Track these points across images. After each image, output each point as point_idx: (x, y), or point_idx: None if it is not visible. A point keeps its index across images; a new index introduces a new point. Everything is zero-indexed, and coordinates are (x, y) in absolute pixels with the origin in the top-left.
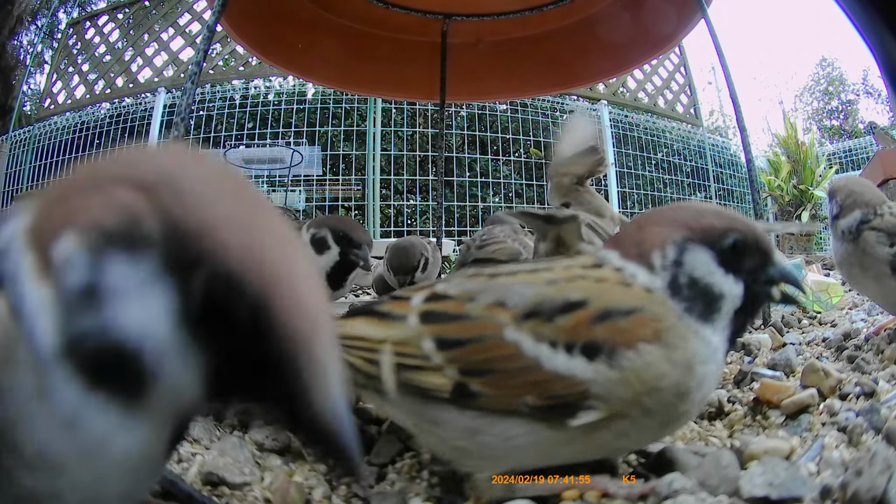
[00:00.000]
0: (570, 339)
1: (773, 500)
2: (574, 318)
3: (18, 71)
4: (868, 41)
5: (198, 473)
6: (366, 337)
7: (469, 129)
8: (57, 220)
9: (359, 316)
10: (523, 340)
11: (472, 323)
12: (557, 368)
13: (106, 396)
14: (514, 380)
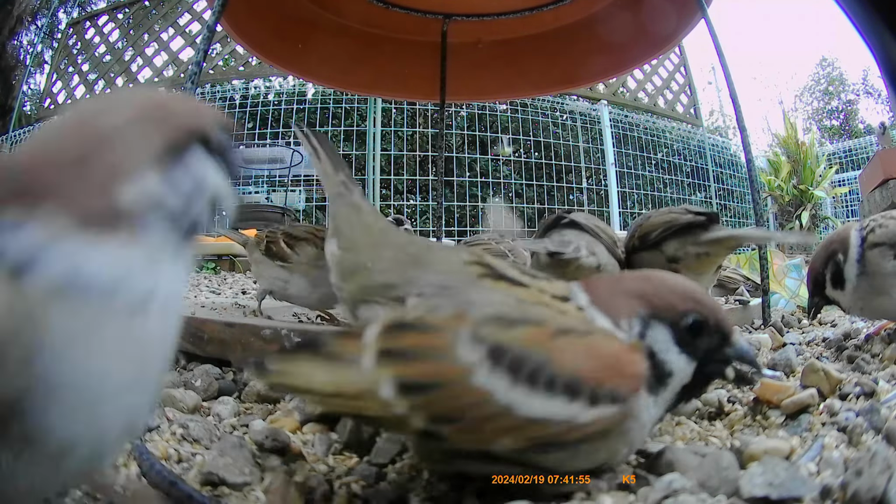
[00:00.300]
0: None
1: (773, 500)
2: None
3: (18, 71)
4: (868, 41)
5: (198, 473)
6: (313, 390)
7: (469, 129)
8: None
9: (302, 355)
10: (495, 386)
11: (436, 364)
12: (533, 413)
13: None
14: (488, 426)
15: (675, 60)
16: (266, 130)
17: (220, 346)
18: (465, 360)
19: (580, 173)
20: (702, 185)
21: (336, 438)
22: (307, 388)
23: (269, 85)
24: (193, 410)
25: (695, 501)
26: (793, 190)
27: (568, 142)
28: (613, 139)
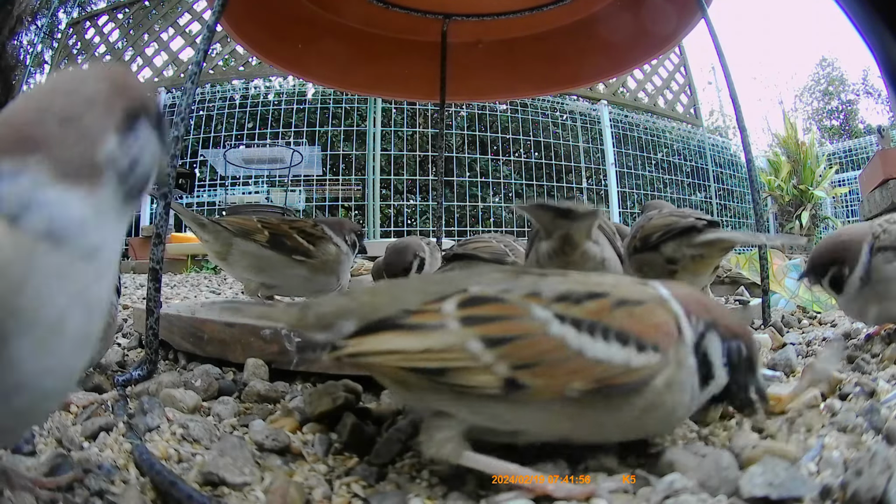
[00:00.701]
0: (598, 321)
1: (772, 500)
2: (595, 304)
3: (18, 71)
4: (868, 41)
5: (198, 473)
6: (401, 350)
7: (469, 129)
8: None
9: (382, 331)
10: (567, 333)
11: (516, 322)
12: (598, 355)
13: None
14: (560, 368)
15: (675, 60)
16: (266, 130)
17: (220, 346)
18: (541, 317)
19: (580, 173)
20: (702, 185)
21: (336, 438)
22: (393, 350)
23: (269, 85)
24: (193, 410)
25: (696, 501)
26: (793, 190)
27: (568, 142)
28: (613, 139)
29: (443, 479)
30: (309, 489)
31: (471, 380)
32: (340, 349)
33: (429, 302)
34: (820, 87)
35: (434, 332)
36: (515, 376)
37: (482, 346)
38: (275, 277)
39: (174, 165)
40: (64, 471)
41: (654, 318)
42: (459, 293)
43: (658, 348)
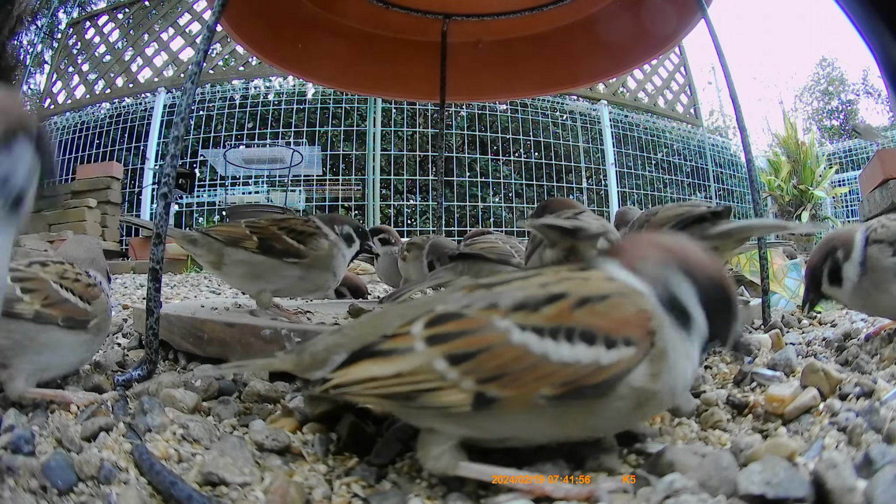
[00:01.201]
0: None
1: (768, 498)
2: (556, 307)
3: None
4: (868, 41)
5: (198, 473)
6: (376, 377)
7: (469, 129)
8: None
9: (363, 360)
10: (528, 340)
11: (478, 336)
12: (563, 358)
13: None
14: (526, 376)
15: (675, 60)
16: (266, 130)
17: (220, 346)
18: (501, 327)
19: (580, 173)
20: (702, 185)
21: (336, 438)
22: (370, 377)
23: (269, 85)
24: (193, 410)
25: (696, 501)
26: (793, 190)
27: (568, 142)
28: (613, 139)
29: (443, 480)
30: (309, 489)
31: (441, 400)
32: (328, 382)
33: (404, 324)
34: (820, 87)
35: (403, 355)
36: (483, 390)
37: (447, 364)
38: (271, 282)
39: (174, 165)
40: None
41: (620, 311)
42: (427, 313)
43: (631, 341)
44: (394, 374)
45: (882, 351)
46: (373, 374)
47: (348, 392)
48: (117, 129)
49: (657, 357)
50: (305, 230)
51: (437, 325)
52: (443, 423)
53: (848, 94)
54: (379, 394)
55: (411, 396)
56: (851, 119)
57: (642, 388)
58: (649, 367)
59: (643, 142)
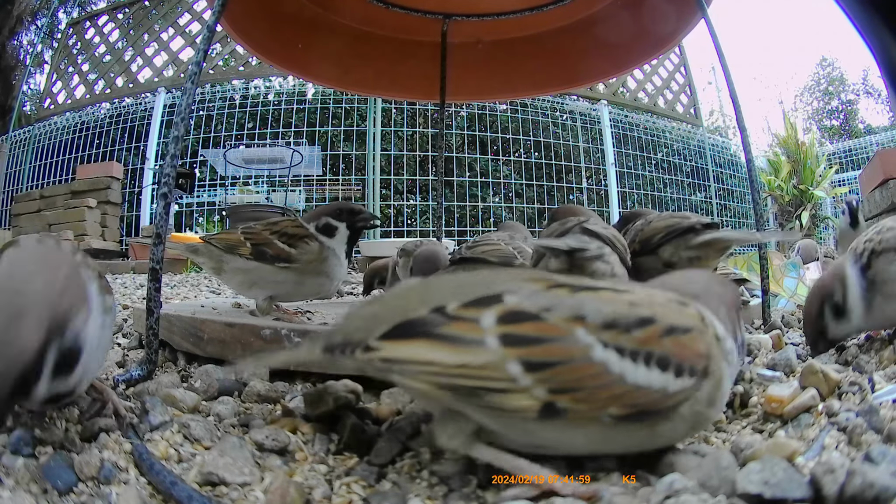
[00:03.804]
0: (641, 349)
1: (766, 498)
2: (646, 332)
3: (18, 71)
4: (868, 41)
5: (198, 473)
6: (436, 362)
7: (469, 129)
8: None
9: (415, 338)
10: (610, 359)
11: (558, 346)
12: (638, 381)
13: None
14: (600, 394)
15: (675, 60)
16: (266, 130)
17: (220, 346)
18: (584, 341)
19: (580, 173)
20: (702, 185)
21: (336, 438)
22: (427, 361)
23: (269, 85)
24: (193, 410)
25: (696, 501)
26: (793, 190)
27: (568, 142)
28: (613, 139)
29: (443, 480)
30: (309, 489)
31: (509, 403)
32: (373, 351)
33: (465, 306)
34: (820, 87)
35: (472, 347)
36: (554, 400)
37: (522, 369)
38: (267, 288)
39: (174, 165)
40: (64, 471)
41: (696, 344)
42: (496, 303)
43: (695, 371)
44: (459, 365)
45: (882, 352)
46: (432, 359)
47: (399, 370)
48: (117, 129)
49: (715, 385)
50: (296, 233)
51: (512, 322)
52: (490, 421)
53: (848, 94)
54: (438, 382)
55: (476, 393)
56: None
57: (700, 412)
58: (708, 395)
59: (643, 142)
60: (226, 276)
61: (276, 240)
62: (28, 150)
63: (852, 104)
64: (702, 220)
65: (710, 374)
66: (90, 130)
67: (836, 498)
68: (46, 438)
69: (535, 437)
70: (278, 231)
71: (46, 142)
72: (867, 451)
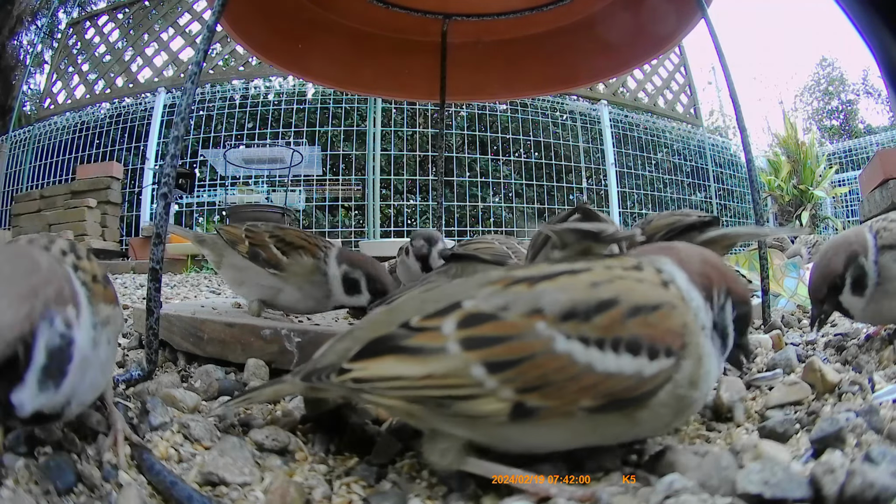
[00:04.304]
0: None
1: (766, 498)
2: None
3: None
4: (868, 41)
5: (198, 473)
6: (403, 376)
7: (469, 129)
8: None
9: (385, 354)
10: (574, 349)
11: (519, 342)
12: (608, 369)
13: None
14: (570, 387)
15: (675, 60)
16: (266, 130)
17: (220, 346)
18: (545, 334)
19: (580, 173)
20: (702, 185)
21: (336, 438)
22: (395, 376)
23: (269, 85)
24: (193, 410)
25: (696, 502)
26: (793, 190)
27: (568, 142)
28: (613, 139)
29: (443, 480)
30: (309, 489)
31: (477, 408)
32: (346, 373)
33: (427, 317)
34: (820, 87)
35: (435, 356)
36: (523, 400)
37: (486, 372)
38: (253, 290)
39: (174, 165)
40: (64, 472)
41: (668, 321)
42: (455, 310)
43: (671, 351)
44: (424, 376)
45: (882, 352)
46: (399, 373)
47: (370, 389)
48: (117, 129)
49: (696, 363)
50: (295, 242)
51: (471, 325)
52: (467, 430)
53: (848, 94)
54: (406, 396)
55: (444, 403)
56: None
57: (682, 395)
58: (689, 375)
59: (643, 142)
60: (222, 270)
61: (272, 244)
62: (28, 150)
63: (852, 104)
64: (703, 216)
65: (687, 353)
66: (90, 130)
67: (836, 498)
68: (46, 438)
69: (516, 441)
70: (278, 236)
71: (46, 142)
72: (867, 451)
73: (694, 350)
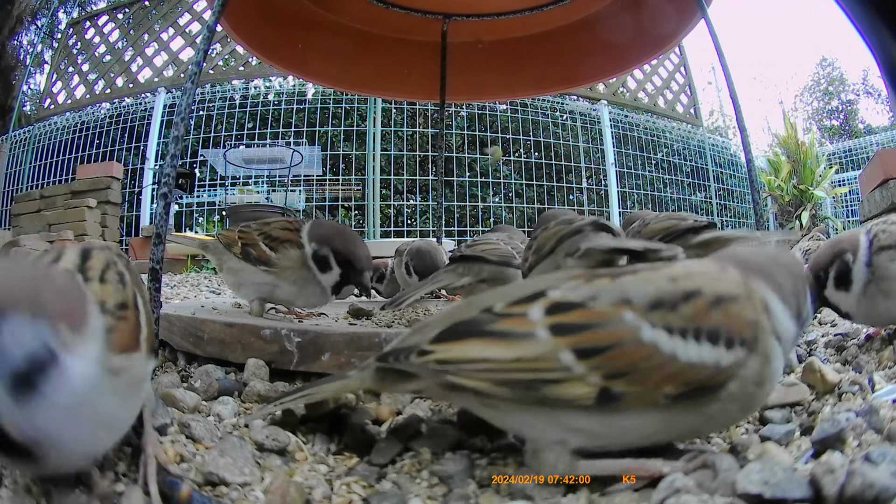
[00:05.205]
0: (690, 325)
1: (766, 498)
2: (693, 306)
3: (18, 71)
4: (868, 41)
5: (198, 473)
6: (491, 359)
7: (469, 129)
8: None
9: (469, 338)
10: (660, 338)
11: (608, 330)
12: (690, 358)
13: None
14: (654, 375)
15: (675, 60)
16: (266, 130)
17: (220, 346)
18: (632, 323)
19: (580, 173)
20: (702, 185)
21: (336, 438)
22: (482, 358)
23: (269, 85)
24: (193, 410)
25: (696, 502)
26: (793, 190)
27: (568, 142)
28: (613, 139)
29: (443, 480)
30: (309, 489)
31: (565, 392)
32: (427, 354)
33: (512, 304)
34: (820, 87)
35: (524, 340)
36: (610, 385)
37: (574, 358)
38: (252, 290)
39: (174, 165)
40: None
41: (745, 313)
42: (541, 297)
43: (745, 342)
44: (513, 359)
45: (882, 352)
46: (486, 356)
47: (455, 370)
48: (117, 129)
49: (763, 362)
50: (280, 236)
51: (559, 312)
52: (548, 421)
53: (848, 94)
54: (495, 378)
55: (532, 386)
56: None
57: (749, 393)
58: (756, 373)
59: (643, 142)
60: (223, 274)
61: (261, 241)
62: (28, 150)
63: (852, 104)
64: (699, 220)
65: (757, 349)
66: (90, 130)
67: (836, 498)
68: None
69: (594, 433)
70: (265, 232)
71: (46, 142)
72: (867, 451)
73: (763, 347)
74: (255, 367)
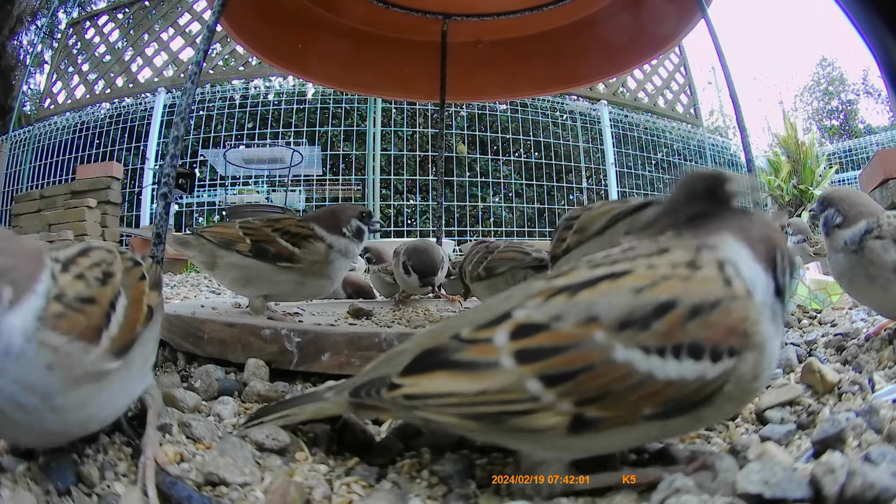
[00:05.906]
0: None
1: (766, 498)
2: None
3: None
4: (868, 41)
5: (198, 473)
6: (455, 392)
7: (469, 129)
8: None
9: (436, 370)
10: (633, 357)
11: (576, 353)
12: (670, 376)
13: None
14: (630, 396)
15: (675, 60)
16: (266, 130)
17: (220, 346)
18: (602, 344)
19: (580, 173)
20: None
21: (336, 438)
22: (448, 392)
23: (269, 85)
24: (193, 410)
25: (696, 502)
26: (793, 190)
27: (568, 142)
28: (613, 139)
29: (443, 480)
30: (309, 489)
31: (535, 423)
32: (396, 389)
33: (477, 329)
34: (820, 87)
35: (488, 371)
36: (582, 412)
37: (542, 386)
38: (262, 287)
39: (174, 165)
40: (64, 472)
41: (731, 317)
42: (506, 320)
43: (735, 350)
44: (478, 392)
45: (882, 352)
46: (452, 390)
47: (422, 406)
48: (117, 129)
49: (759, 353)
50: (300, 232)
51: (524, 336)
52: (529, 444)
53: (848, 94)
54: (462, 413)
55: (500, 419)
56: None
57: (747, 388)
58: (752, 367)
59: (643, 142)
60: (219, 271)
61: (279, 238)
62: (28, 150)
63: (852, 104)
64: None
65: (751, 345)
66: (90, 130)
67: (836, 498)
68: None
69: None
70: (281, 229)
71: (46, 142)
72: (867, 451)
73: (757, 340)
74: (255, 367)
